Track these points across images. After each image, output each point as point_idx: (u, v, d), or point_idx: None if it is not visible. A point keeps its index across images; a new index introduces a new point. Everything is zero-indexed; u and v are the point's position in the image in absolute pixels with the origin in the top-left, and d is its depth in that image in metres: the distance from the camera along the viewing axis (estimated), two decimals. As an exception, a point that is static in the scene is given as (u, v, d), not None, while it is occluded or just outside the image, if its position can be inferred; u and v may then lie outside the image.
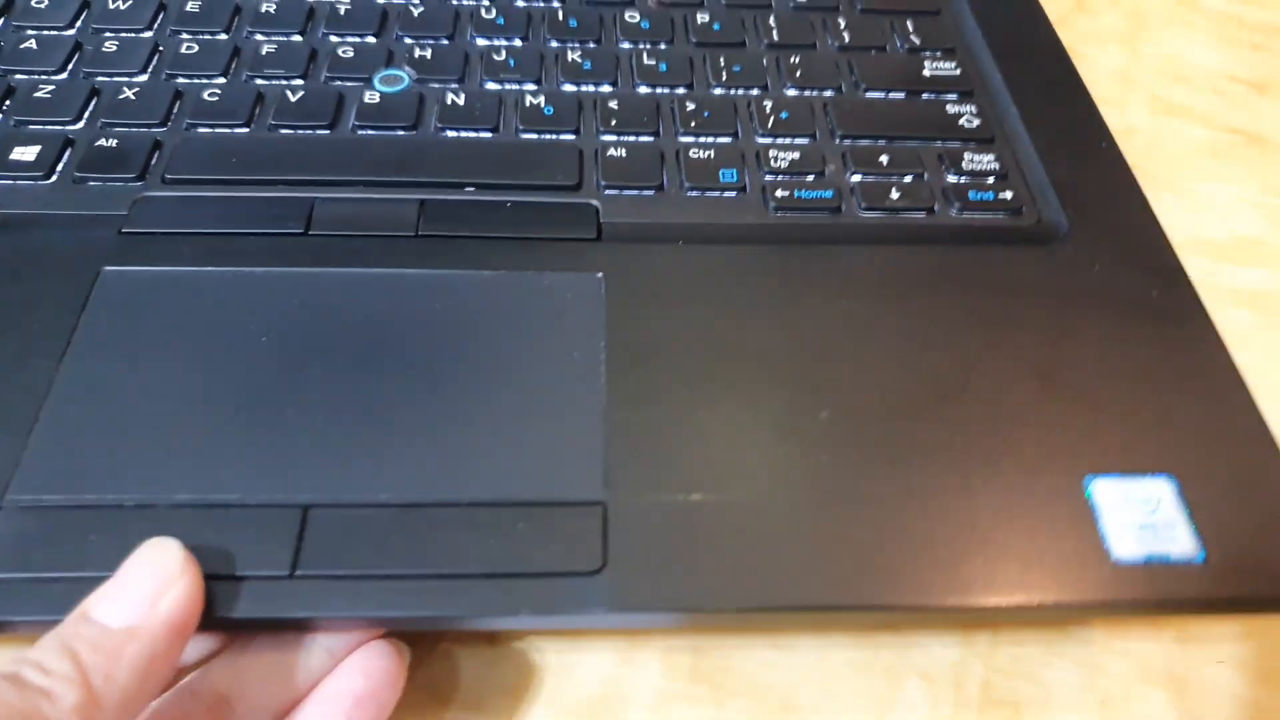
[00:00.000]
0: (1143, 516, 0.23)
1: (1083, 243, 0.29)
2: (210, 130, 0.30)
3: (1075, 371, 0.26)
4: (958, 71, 0.34)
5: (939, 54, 0.35)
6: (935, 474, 0.24)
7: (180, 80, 0.32)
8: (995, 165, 0.31)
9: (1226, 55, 0.42)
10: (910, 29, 0.35)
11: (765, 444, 0.24)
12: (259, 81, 0.32)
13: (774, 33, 0.35)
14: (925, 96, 0.33)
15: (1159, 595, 0.22)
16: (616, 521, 0.22)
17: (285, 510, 0.22)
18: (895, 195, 0.30)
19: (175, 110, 0.31)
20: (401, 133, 0.30)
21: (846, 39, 0.35)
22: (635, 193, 0.30)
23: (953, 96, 0.33)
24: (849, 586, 0.22)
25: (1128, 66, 0.41)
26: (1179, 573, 0.23)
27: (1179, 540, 0.23)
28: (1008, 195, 0.30)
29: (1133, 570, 0.22)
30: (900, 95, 0.33)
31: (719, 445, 0.24)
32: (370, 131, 0.30)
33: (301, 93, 0.31)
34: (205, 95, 0.31)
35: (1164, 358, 0.26)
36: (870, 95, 0.33)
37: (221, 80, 0.32)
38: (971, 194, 0.30)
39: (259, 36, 0.33)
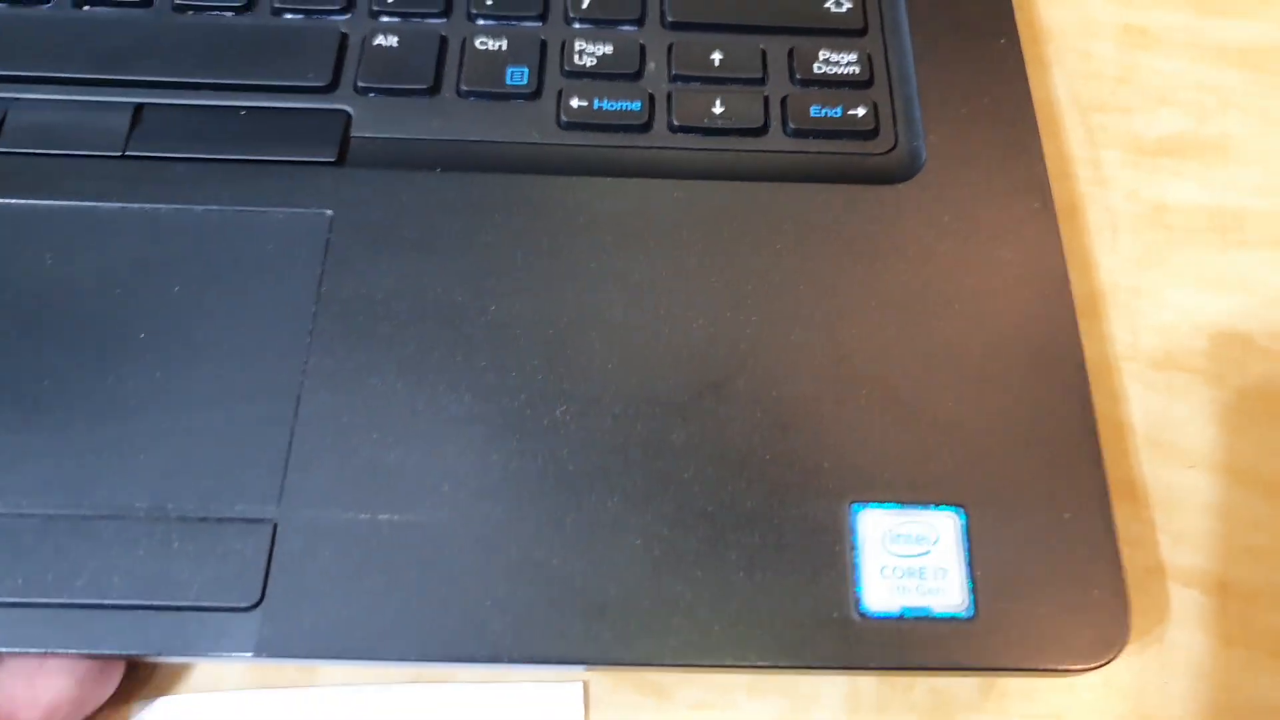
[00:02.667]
0: (912, 558, 0.20)
1: (936, 188, 0.23)
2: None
3: (880, 363, 0.21)
4: (842, -72, 0.27)
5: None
6: (674, 493, 0.20)
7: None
8: (855, 69, 0.25)
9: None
10: None
11: (482, 449, 0.20)
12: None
13: None
14: (794, -35, 0.27)
15: (906, 658, 0.19)
16: (285, 544, 0.19)
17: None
18: (717, 110, 0.24)
19: None
20: (130, 10, 0.25)
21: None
22: (400, 96, 0.24)
23: (828, -34, 0.27)
24: (542, 637, 0.19)
25: None
26: (940, 632, 0.19)
27: (948, 590, 0.19)
28: (860, 112, 0.24)
29: (882, 626, 0.19)
30: (761, -38, 0.27)
31: (426, 450, 0.20)
32: (92, 7, 0.25)
33: (17, -50, 0.26)
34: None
35: (1000, 361, 0.21)
36: (723, -38, 0.27)
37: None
38: (814, 109, 0.24)
39: None
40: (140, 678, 0.21)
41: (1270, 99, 0.29)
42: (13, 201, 0.22)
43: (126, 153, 0.23)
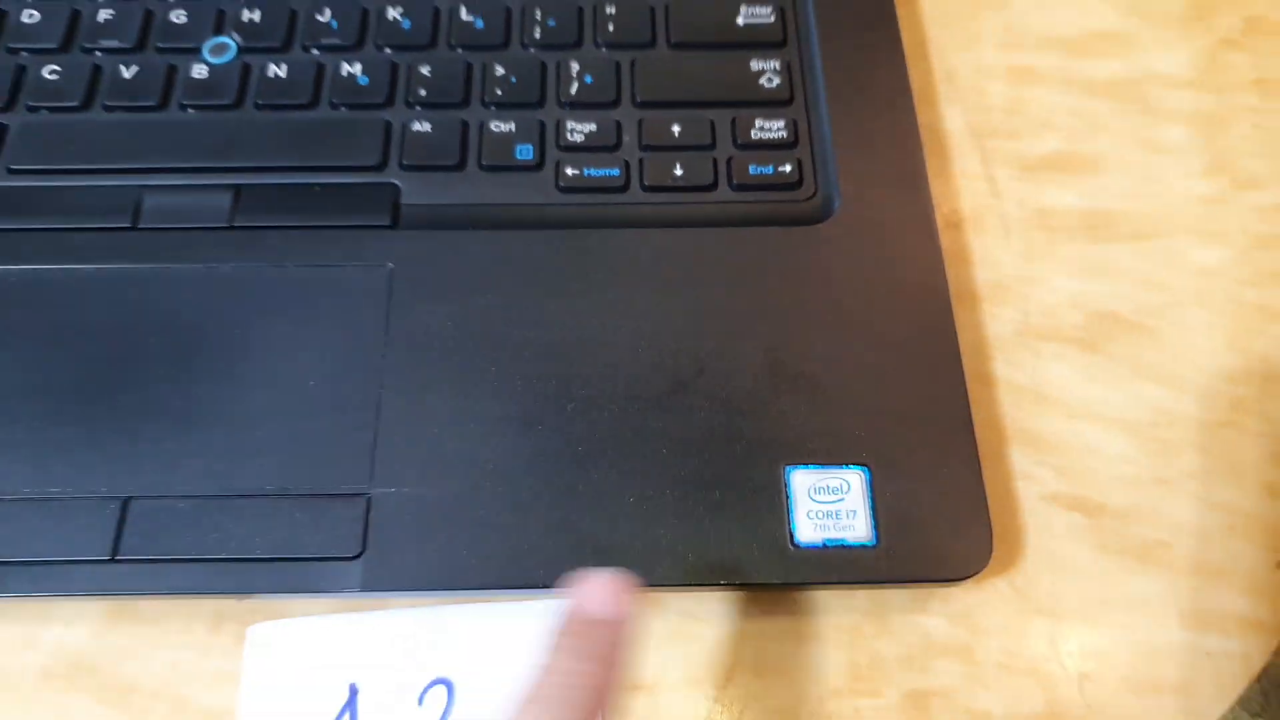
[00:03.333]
0: (830, 504, 0.27)
1: (847, 223, 0.31)
2: (51, 114, 0.33)
3: (804, 361, 0.29)
4: (772, 18, 0.34)
5: (760, -6, 0.35)
6: (657, 464, 0.27)
7: (24, 54, 0.34)
8: (783, 134, 0.32)
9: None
10: (736, -37, 0.35)
11: (516, 437, 0.28)
12: (97, 54, 0.34)
13: (597, -26, 0.35)
14: (736, 50, 0.34)
15: (828, 576, 0.26)
16: (377, 511, 0.27)
17: (107, 501, 0.27)
18: (678, 172, 0.32)
19: (19, 91, 0.33)
20: (223, 112, 0.33)
21: (669, -22, 0.35)
22: (435, 171, 0.32)
23: (762, 50, 0.34)
24: (557, 569, 0.26)
25: None
26: (851, 555, 0.27)
27: (857, 526, 0.27)
28: (787, 169, 0.32)
29: (810, 554, 0.27)
30: (708, 51, 0.34)
31: (477, 439, 0.28)
32: (195, 111, 0.33)
33: (135, 68, 0.33)
34: (45, 73, 0.33)
35: (893, 353, 0.29)
36: (678, 51, 0.34)
37: (61, 55, 0.34)
38: (752, 168, 0.32)
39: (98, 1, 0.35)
40: (257, 611, 0.28)
41: (1129, 121, 0.36)
42: (158, 266, 0.30)
43: (233, 224, 0.31)
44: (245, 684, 0.27)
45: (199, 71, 0.33)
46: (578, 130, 0.32)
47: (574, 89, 0.33)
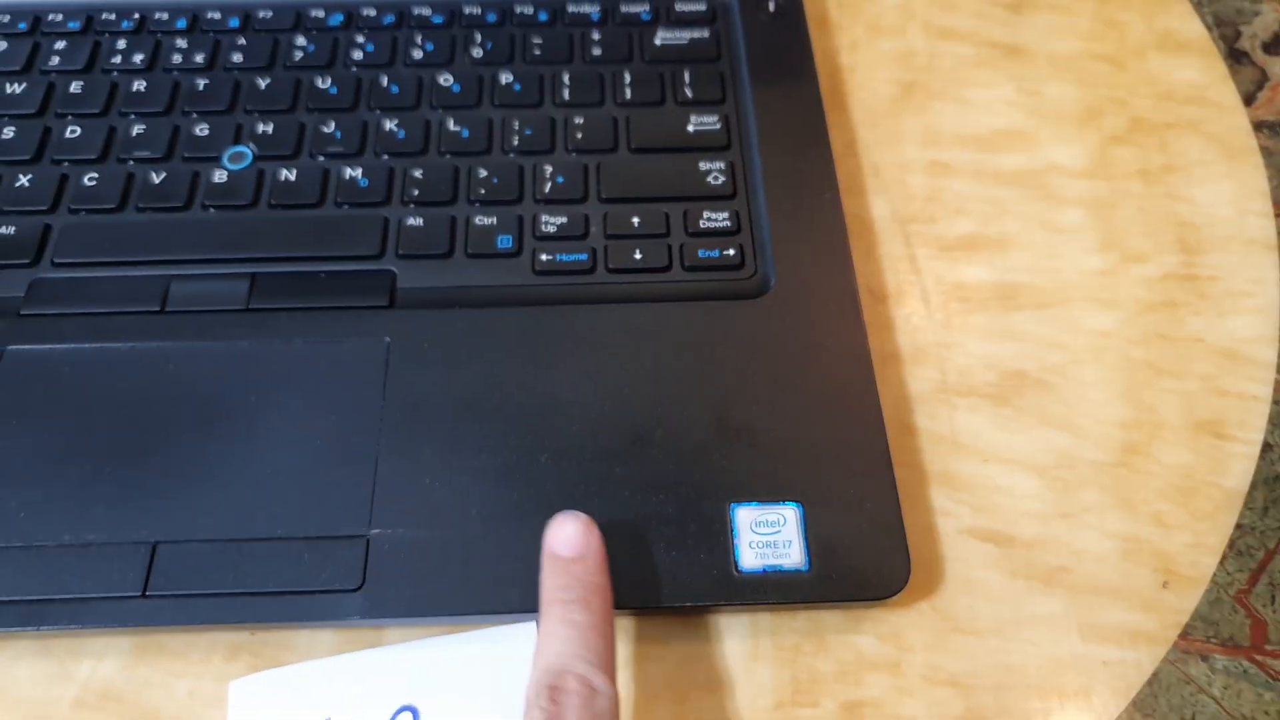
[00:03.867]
0: (769, 535, 0.31)
1: (783, 298, 0.36)
2: (90, 215, 0.38)
3: (747, 416, 0.33)
4: (718, 126, 0.40)
5: (707, 105, 0.41)
6: (619, 504, 0.32)
7: (67, 164, 0.39)
8: (727, 223, 0.38)
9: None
10: (686, 79, 0.41)
11: (495, 486, 0.32)
12: (130, 163, 0.39)
13: (566, 90, 0.41)
14: (686, 153, 0.39)
15: (768, 597, 0.30)
16: (375, 550, 0.31)
17: (138, 546, 0.31)
18: (637, 256, 0.37)
19: (61, 197, 0.38)
20: (241, 211, 0.38)
21: (629, 94, 0.41)
22: (427, 259, 0.37)
23: (709, 153, 0.39)
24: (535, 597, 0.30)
25: (906, 2, 0.49)
26: (788, 580, 0.31)
27: (792, 555, 0.31)
28: (731, 252, 0.37)
29: (751, 578, 0.31)
30: (663, 154, 0.39)
31: (463, 489, 0.32)
32: (216, 210, 0.38)
33: (163, 174, 0.38)
34: (85, 180, 0.38)
35: (823, 408, 0.34)
36: (637, 155, 0.39)
37: (99, 164, 0.39)
38: (701, 252, 0.37)
39: (131, 117, 0.40)
40: (268, 643, 0.32)
41: (1033, 205, 0.42)
42: (183, 344, 0.34)
43: (249, 307, 0.35)
44: None
45: (219, 176, 0.38)
46: (551, 222, 0.37)
47: (548, 188, 0.38)
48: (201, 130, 0.40)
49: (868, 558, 0.31)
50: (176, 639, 0.32)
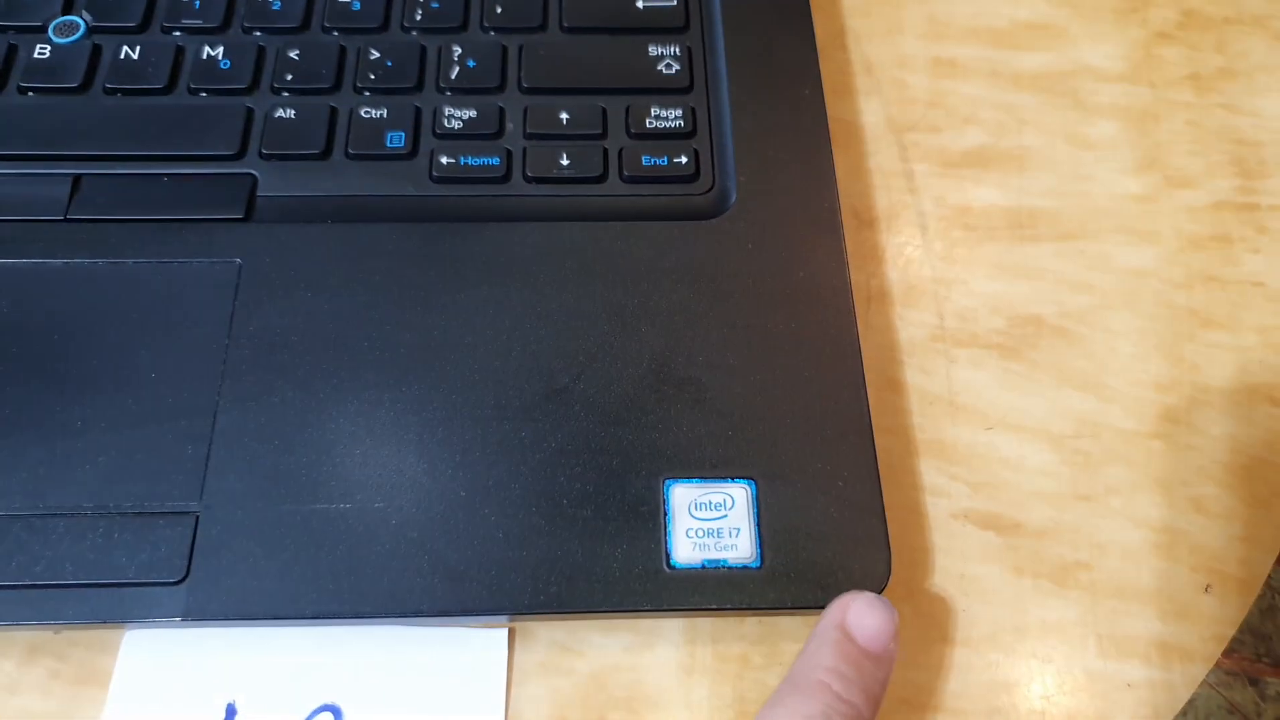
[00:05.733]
0: (711, 521, 0.25)
1: (744, 218, 0.28)
2: None
3: (692, 366, 0.26)
4: (673, 1, 0.32)
5: (660, -24, 0.33)
6: (523, 477, 0.25)
7: None
8: (681, 123, 0.30)
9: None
10: (637, -55, 0.33)
11: (369, 450, 0.25)
12: (-71, 31, 0.31)
13: (486, -44, 0.33)
14: (632, 34, 0.32)
15: (706, 600, 0.24)
16: (205, 531, 0.24)
17: (-100, 520, 0.24)
18: (564, 162, 0.29)
19: None
20: (68, 96, 0.30)
21: (565, -40, 0.33)
22: (297, 161, 0.29)
23: (661, 35, 0.32)
24: (405, 596, 0.23)
25: None
26: (733, 577, 0.24)
27: (740, 546, 0.24)
28: (683, 160, 0.29)
29: (687, 575, 0.24)
30: (603, 35, 0.31)
31: (323, 452, 0.25)
32: (35, 95, 0.30)
33: (-30, 48, 0.30)
34: None
35: (789, 358, 0.26)
36: (570, 35, 0.31)
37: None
38: (645, 159, 0.29)
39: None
40: (77, 643, 0.25)
41: (1056, 116, 0.34)
42: (-29, 262, 0.27)
43: (68, 217, 0.28)
44: (113, 694, 0.24)
45: (41, 51, 0.30)
46: (455, 116, 0.30)
47: (454, 73, 0.30)
48: (23, -7, 0.31)
49: (835, 551, 0.24)
50: (-51, 640, 0.25)
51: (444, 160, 0.29)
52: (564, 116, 0.30)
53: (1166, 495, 0.28)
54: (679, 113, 0.30)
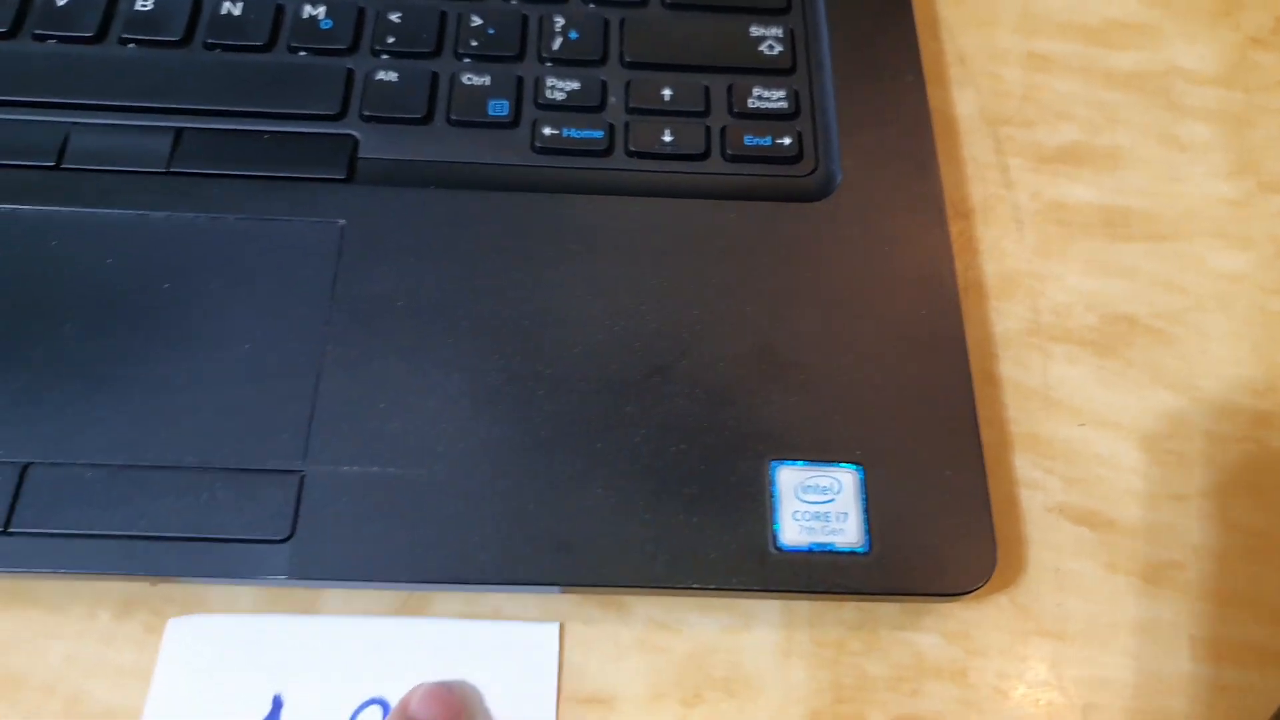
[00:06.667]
0: (818, 505, 0.24)
1: (849, 203, 0.28)
2: (-27, 39, 0.29)
3: (796, 348, 0.26)
4: (776, -19, 0.32)
5: (764, -44, 0.32)
6: (628, 453, 0.25)
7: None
8: (784, 104, 0.30)
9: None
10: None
11: (472, 418, 0.25)
12: (30, -21, 0.30)
13: (590, -73, 0.32)
14: (735, 13, 0.31)
15: (813, 583, 0.24)
16: (310, 491, 0.24)
17: (3, 467, 0.24)
18: (667, 138, 0.29)
19: (-60, 13, 0.30)
20: (168, 50, 0.29)
21: (667, -64, 0.32)
22: (398, 124, 0.29)
23: (763, 16, 0.31)
24: (515, 565, 0.23)
25: None
26: (840, 562, 0.24)
27: (847, 531, 0.24)
28: (786, 141, 0.29)
29: (794, 558, 0.24)
30: (706, 13, 0.31)
31: (426, 418, 0.25)
32: (135, 47, 0.29)
33: (74, 1, 0.30)
34: (-28, -3, 0.30)
35: (894, 345, 0.26)
36: (672, 11, 0.31)
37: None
38: (748, 139, 0.29)
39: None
40: (173, 599, 0.25)
41: (1149, 114, 0.34)
42: (78, 210, 0.27)
43: (170, 169, 0.28)
44: (157, 682, 0.24)
45: (143, 4, 0.30)
46: (559, 88, 0.29)
47: (557, 44, 0.30)
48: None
49: (942, 540, 0.24)
50: (50, 587, 0.25)
51: (547, 131, 0.29)
52: (666, 93, 0.30)
53: (1259, 499, 0.28)
54: (782, 94, 0.30)
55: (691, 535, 0.24)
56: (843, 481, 0.25)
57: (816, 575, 0.24)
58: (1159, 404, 0.29)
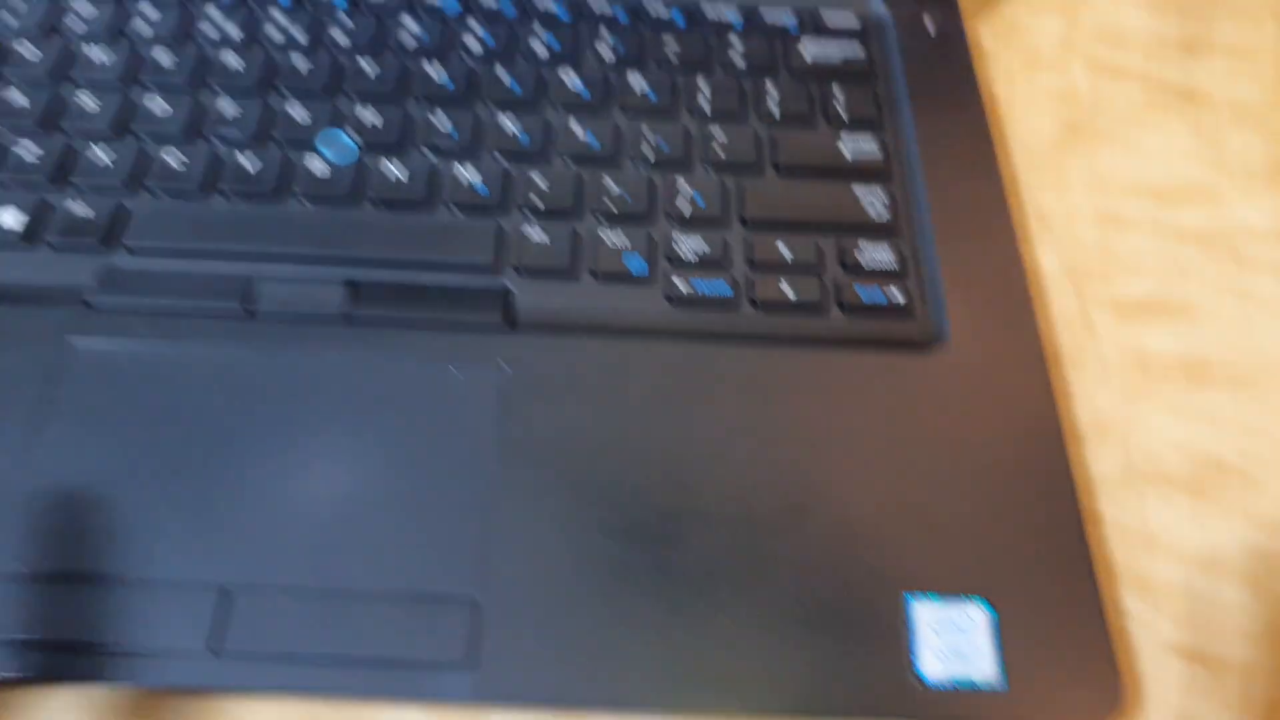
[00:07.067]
0: (954, 639, 0.26)
1: (958, 355, 0.31)
2: (171, 198, 0.33)
3: (920, 489, 0.28)
4: (877, 150, 0.35)
5: (862, 127, 0.36)
6: (772, 586, 0.27)
7: (148, 140, 0.34)
8: (893, 263, 0.33)
9: (1156, 19, 0.44)
10: (840, 98, 0.36)
11: (629, 550, 0.27)
12: (218, 143, 0.34)
13: (705, 101, 0.36)
14: (840, 179, 0.35)
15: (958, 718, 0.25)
16: (488, 617, 0.26)
17: (207, 589, 0.26)
18: (788, 293, 0.32)
19: (141, 175, 0.33)
20: (344, 207, 0.33)
21: (775, 110, 0.36)
22: (549, 278, 0.32)
23: (866, 180, 0.35)
24: (676, 692, 0.25)
25: (1067, 32, 0.44)
26: (981, 699, 0.25)
27: (984, 667, 0.26)
28: (898, 297, 0.32)
29: (938, 693, 0.25)
30: (814, 179, 0.35)
31: (589, 550, 0.27)
32: (311, 205, 0.33)
33: (257, 164, 0.33)
34: (170, 161, 0.33)
35: (1009, 488, 0.28)
36: (785, 178, 0.35)
37: (185, 146, 0.34)
38: (863, 293, 0.32)
39: (221, 96, 0.35)
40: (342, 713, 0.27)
41: (1220, 268, 0.37)
42: (265, 353, 0.30)
43: (346, 314, 0.31)
44: None
45: (319, 170, 0.34)
46: (687, 246, 0.33)
47: (686, 210, 0.33)
48: (299, 114, 0.35)
49: (1068, 675, 0.26)
50: (236, 705, 0.27)
51: (680, 285, 0.32)
52: (784, 252, 0.33)
53: (1360, 637, 0.29)
54: (889, 250, 0.33)
55: (838, 665, 0.26)
56: (974, 618, 0.26)
57: (958, 711, 0.25)
58: (1256, 545, 0.31)
